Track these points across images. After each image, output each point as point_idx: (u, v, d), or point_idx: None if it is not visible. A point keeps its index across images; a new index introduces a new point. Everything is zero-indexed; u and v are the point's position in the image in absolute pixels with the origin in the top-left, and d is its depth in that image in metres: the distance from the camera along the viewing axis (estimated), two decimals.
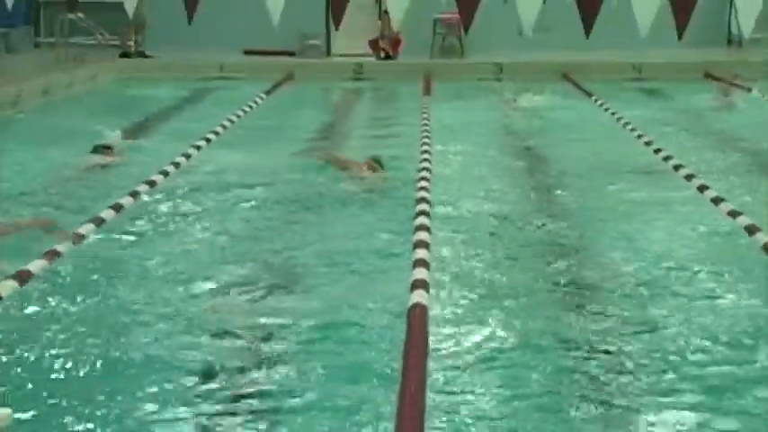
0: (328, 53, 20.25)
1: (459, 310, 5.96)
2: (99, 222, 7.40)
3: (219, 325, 5.72)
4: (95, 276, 6.48)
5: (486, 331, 5.64)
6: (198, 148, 10.46)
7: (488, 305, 6.06)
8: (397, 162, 9.99)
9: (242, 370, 5.12)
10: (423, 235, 6.90)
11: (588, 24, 5.44)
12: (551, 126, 12.70)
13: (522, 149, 11.17)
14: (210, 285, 6.42)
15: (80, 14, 17.33)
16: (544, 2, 5.65)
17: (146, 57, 18.78)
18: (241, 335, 5.58)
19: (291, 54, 19.65)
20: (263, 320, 5.79)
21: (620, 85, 16.58)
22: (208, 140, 10.92)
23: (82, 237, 7.02)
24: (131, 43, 19.11)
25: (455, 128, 12.26)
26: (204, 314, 5.85)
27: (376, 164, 9.54)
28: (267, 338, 5.54)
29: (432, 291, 5.87)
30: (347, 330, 5.65)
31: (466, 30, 5.76)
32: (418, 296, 5.61)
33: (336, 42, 20.02)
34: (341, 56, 19.87)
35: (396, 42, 19.15)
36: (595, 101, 14.34)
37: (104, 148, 10.41)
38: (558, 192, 9.05)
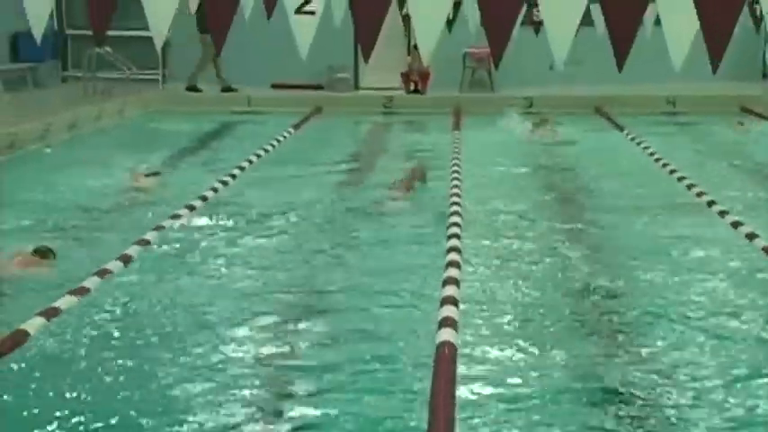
0: (356, 86, 20.34)
1: (488, 349, 5.92)
2: (126, 260, 7.46)
3: (248, 356, 5.76)
4: (122, 311, 6.52)
5: (516, 371, 5.60)
6: (225, 183, 10.49)
7: (518, 344, 6.02)
8: (428, 197, 9.99)
9: (271, 400, 5.16)
10: (453, 272, 6.88)
11: (621, 57, 5.41)
12: (583, 161, 12.66)
13: (554, 185, 11.15)
14: (238, 315, 6.47)
15: (108, 49, 17.49)
16: (576, 35, 5.64)
17: (232, 90, 19.09)
18: (270, 366, 5.62)
19: (319, 88, 19.74)
20: (289, 351, 5.82)
21: (653, 118, 16.54)
22: (233, 176, 10.95)
23: (108, 272, 7.07)
24: (160, 74, 19.37)
25: (485, 162, 12.25)
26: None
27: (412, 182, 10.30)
28: (295, 372, 5.55)
29: (460, 327, 5.84)
30: (376, 364, 5.65)
31: (496, 65, 5.73)
32: (446, 334, 5.58)
33: (365, 76, 20.11)
34: (369, 89, 19.96)
35: (424, 76, 19.21)
36: (627, 135, 14.30)
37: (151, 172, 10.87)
38: (590, 227, 9.00)
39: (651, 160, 12.22)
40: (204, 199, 9.60)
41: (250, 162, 11.85)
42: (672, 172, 11.18)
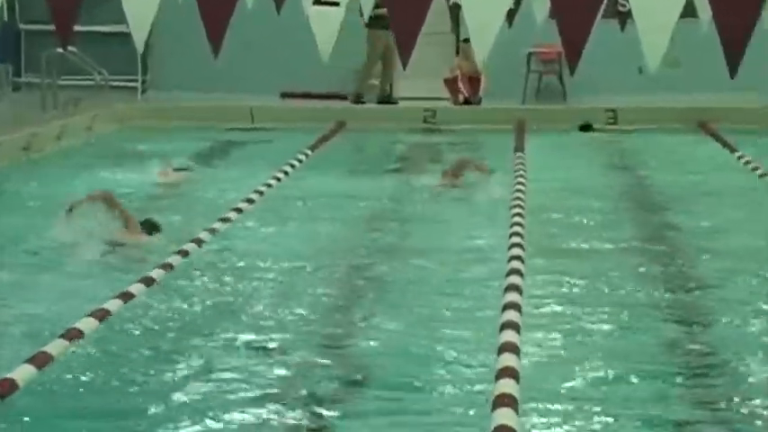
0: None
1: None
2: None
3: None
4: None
5: None
6: (213, 231, 10.36)
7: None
8: (479, 246, 9.93)
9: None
10: (510, 334, 6.85)
11: (734, 58, 5.37)
12: (682, 189, 12.63)
13: (645, 219, 11.12)
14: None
15: (73, 49, 17.45)
16: (674, 29, 5.60)
17: (392, 103, 19.72)
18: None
19: (342, 98, 19.81)
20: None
21: None
22: (239, 211, 10.90)
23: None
24: (140, 81, 19.54)
25: (557, 195, 12.18)
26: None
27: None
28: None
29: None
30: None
31: (572, 68, 5.70)
32: (503, 417, 5.53)
33: (400, 82, 20.18)
34: (406, 99, 20.02)
35: (476, 82, 19.25)
36: (739, 158, 14.24)
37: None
38: (692, 271, 9.00)
39: None
40: (199, 243, 9.63)
41: (259, 194, 11.75)
42: None
